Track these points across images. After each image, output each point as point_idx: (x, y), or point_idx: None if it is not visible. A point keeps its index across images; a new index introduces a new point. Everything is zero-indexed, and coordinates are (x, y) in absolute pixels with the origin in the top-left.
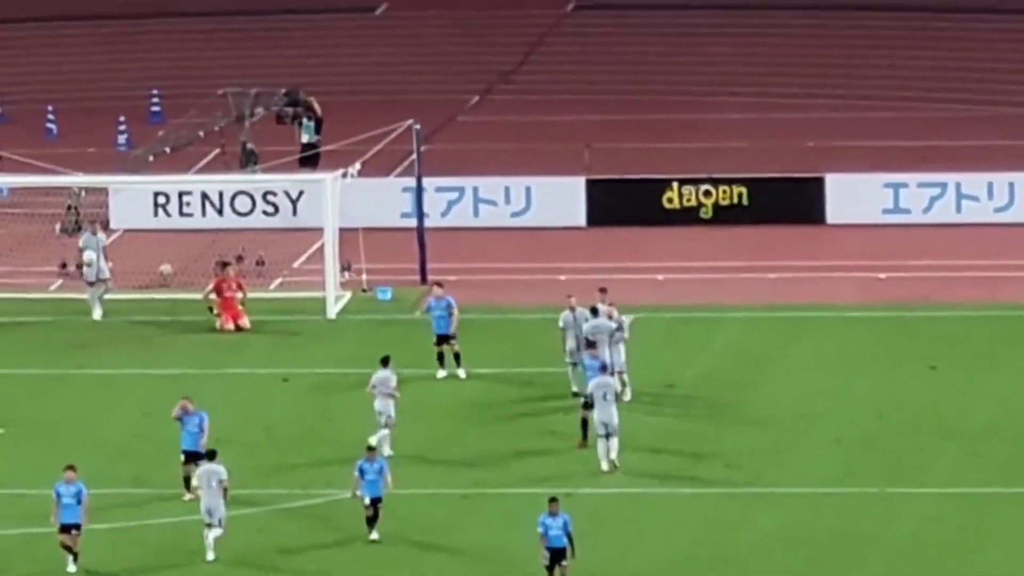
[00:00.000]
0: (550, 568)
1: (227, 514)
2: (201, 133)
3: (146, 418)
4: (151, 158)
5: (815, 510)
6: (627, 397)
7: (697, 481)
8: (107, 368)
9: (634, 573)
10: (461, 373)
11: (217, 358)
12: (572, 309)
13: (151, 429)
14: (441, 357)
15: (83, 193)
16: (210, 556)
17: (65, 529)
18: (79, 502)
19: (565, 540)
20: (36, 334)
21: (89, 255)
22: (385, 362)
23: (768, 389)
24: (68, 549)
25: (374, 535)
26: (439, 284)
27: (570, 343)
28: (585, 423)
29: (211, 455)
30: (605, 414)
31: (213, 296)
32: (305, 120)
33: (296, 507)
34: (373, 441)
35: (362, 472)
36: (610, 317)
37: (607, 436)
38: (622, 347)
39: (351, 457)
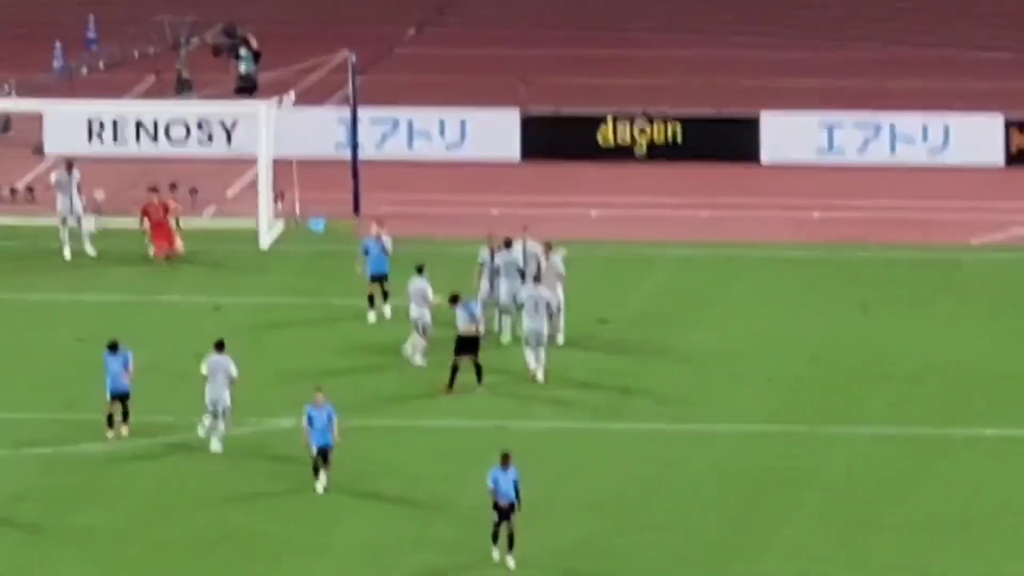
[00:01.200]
0: (498, 524)
1: (231, 406)
2: (136, 53)
3: (79, 344)
4: (84, 70)
5: (747, 449)
6: (560, 341)
7: (628, 417)
8: (39, 293)
9: (564, 507)
10: (387, 310)
11: (149, 285)
12: (492, 249)
13: (84, 355)
14: (372, 298)
15: (11, 91)
16: (216, 447)
17: None
18: None
19: (514, 495)
20: None
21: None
22: (420, 270)
23: (701, 327)
24: None
25: (321, 485)
26: (379, 222)
27: (485, 282)
28: (455, 370)
29: (220, 346)
30: (536, 324)
31: (146, 224)
32: (243, 51)
33: (228, 436)
34: (407, 349)
35: (310, 420)
36: (541, 251)
37: (537, 345)
38: (560, 288)
39: (283, 386)
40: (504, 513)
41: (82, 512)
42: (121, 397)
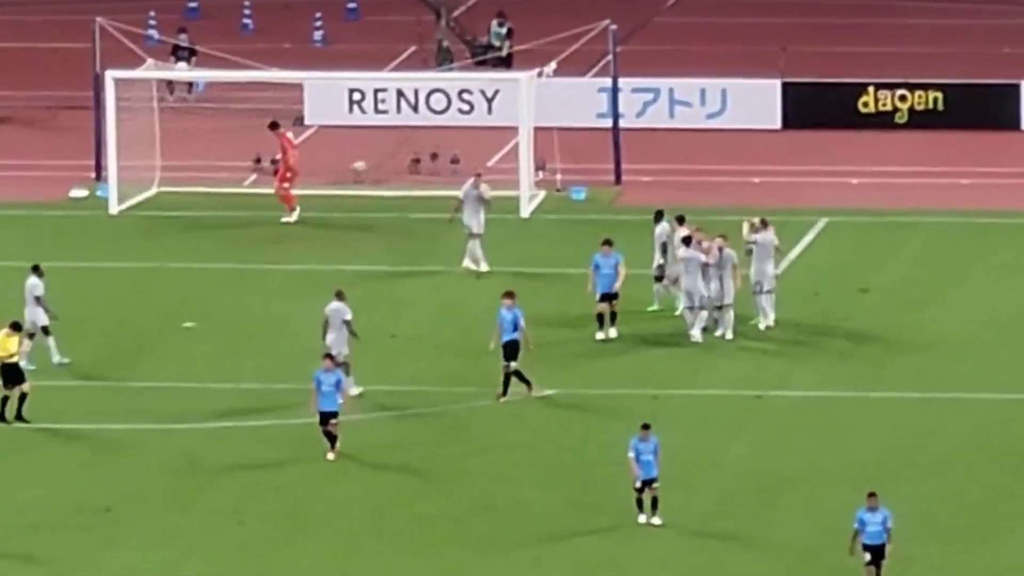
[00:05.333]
0: (868, 565)
1: (705, 294)
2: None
3: None
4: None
5: (1008, 417)
6: (729, 335)
7: (887, 385)
8: (299, 264)
9: (823, 475)
10: (613, 332)
11: (411, 256)
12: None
13: None
14: (601, 318)
15: None
16: (697, 337)
17: None
18: None
19: (884, 537)
20: (229, 229)
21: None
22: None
23: (961, 294)
24: None
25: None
26: (609, 243)
27: (658, 256)
28: (507, 378)
29: (687, 241)
30: (691, 285)
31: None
32: (495, 26)
33: (489, 406)
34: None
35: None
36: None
37: (701, 308)
38: (731, 282)
39: (545, 356)
40: (874, 556)
41: (340, 485)
42: (331, 416)
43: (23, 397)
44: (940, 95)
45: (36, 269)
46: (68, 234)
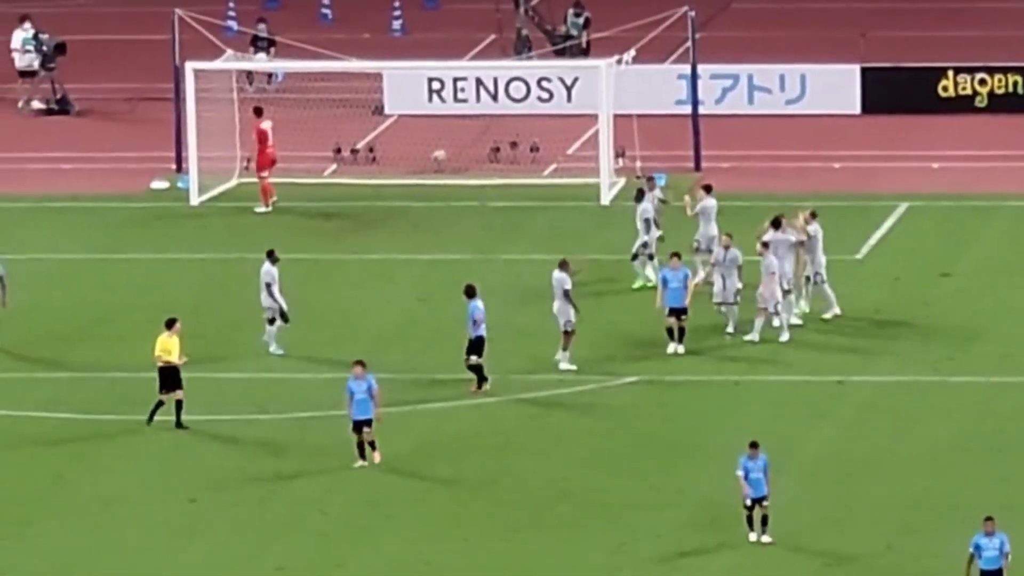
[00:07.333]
0: None
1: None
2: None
3: (419, 303)
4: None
5: None
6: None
7: (969, 370)
8: (380, 253)
9: (904, 458)
10: (680, 348)
11: (490, 244)
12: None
13: (424, 314)
14: (671, 332)
15: None
16: (784, 337)
17: None
18: None
19: (1001, 562)
20: (309, 219)
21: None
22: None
23: None
24: None
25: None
26: (677, 255)
27: (642, 234)
28: (480, 369)
29: (777, 224)
30: (782, 268)
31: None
32: (572, 16)
33: (569, 393)
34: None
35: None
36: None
37: (787, 291)
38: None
39: (621, 342)
40: None
41: (421, 473)
42: (365, 424)
43: (179, 404)
44: (1020, 79)
45: (271, 255)
46: (149, 225)
